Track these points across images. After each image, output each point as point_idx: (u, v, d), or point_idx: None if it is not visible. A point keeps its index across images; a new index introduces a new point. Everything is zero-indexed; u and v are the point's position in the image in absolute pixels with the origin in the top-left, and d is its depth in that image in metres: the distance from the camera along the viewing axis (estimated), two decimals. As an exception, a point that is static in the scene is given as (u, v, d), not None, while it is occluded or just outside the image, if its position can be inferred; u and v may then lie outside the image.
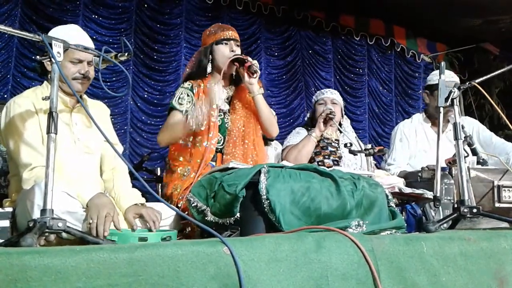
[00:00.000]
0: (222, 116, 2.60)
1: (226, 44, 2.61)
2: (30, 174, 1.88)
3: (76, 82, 2.09)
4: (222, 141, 2.57)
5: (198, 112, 2.37)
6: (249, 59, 2.54)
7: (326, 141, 3.25)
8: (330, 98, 3.34)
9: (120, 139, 2.38)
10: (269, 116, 2.65)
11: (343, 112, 3.44)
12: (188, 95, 2.57)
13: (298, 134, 3.32)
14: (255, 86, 2.56)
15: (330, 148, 3.22)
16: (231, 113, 2.62)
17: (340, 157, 3.20)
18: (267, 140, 3.49)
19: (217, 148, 2.55)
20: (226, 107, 2.62)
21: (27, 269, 1.09)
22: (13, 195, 2.05)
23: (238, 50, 2.62)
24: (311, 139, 3.14)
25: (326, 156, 3.18)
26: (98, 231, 1.73)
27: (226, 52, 2.59)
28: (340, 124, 3.33)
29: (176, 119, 2.51)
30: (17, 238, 1.41)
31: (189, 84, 2.61)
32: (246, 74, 2.54)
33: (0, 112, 2.69)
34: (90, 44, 2.12)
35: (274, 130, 2.71)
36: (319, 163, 3.13)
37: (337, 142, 3.29)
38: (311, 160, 3.17)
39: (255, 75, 2.53)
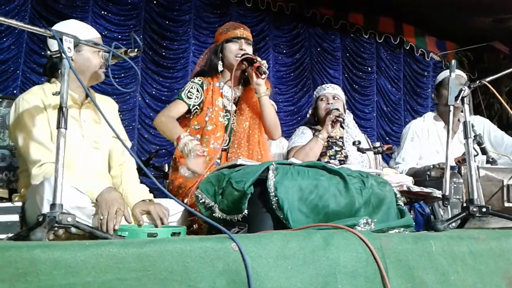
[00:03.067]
0: (229, 117, 2.60)
1: (236, 42, 2.60)
2: (39, 170, 1.89)
3: (102, 71, 2.11)
4: (227, 141, 2.58)
5: (188, 145, 2.27)
6: (258, 59, 2.52)
7: (330, 140, 3.16)
8: (332, 94, 3.23)
9: (128, 135, 2.38)
10: (273, 118, 2.63)
11: (345, 107, 3.35)
12: (197, 91, 2.59)
13: (303, 135, 3.22)
14: (262, 87, 2.54)
15: (335, 148, 3.14)
16: (238, 114, 2.63)
17: (346, 156, 3.13)
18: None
19: (222, 148, 2.55)
20: (233, 107, 2.62)
21: (37, 263, 1.10)
22: (22, 190, 2.06)
23: (249, 49, 2.61)
24: (318, 142, 3.02)
25: (332, 157, 3.10)
26: (108, 226, 1.74)
27: (235, 50, 2.58)
28: (343, 120, 3.28)
29: (174, 124, 2.45)
30: (27, 232, 1.42)
31: (199, 80, 2.62)
32: (254, 74, 2.53)
33: (10, 109, 2.71)
34: (96, 34, 2.15)
35: (277, 133, 2.70)
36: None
37: (341, 139, 3.21)
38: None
39: (263, 76, 2.51)
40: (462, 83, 2.21)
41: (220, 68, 2.62)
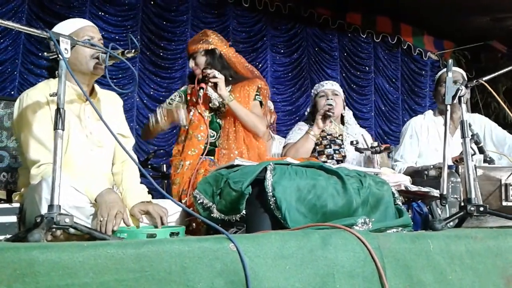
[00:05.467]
0: (213, 113, 2.71)
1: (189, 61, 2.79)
2: (38, 171, 1.88)
3: (98, 65, 2.05)
4: (214, 135, 2.67)
5: (159, 114, 2.53)
6: (208, 72, 2.64)
7: (329, 137, 3.12)
8: (331, 90, 3.21)
9: (127, 135, 2.41)
10: (246, 119, 2.67)
11: (345, 103, 3.34)
12: (180, 96, 2.78)
13: (300, 131, 3.19)
14: (223, 95, 2.63)
15: (333, 147, 3.11)
16: (226, 111, 2.69)
17: (344, 156, 3.11)
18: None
19: (213, 143, 2.64)
20: (215, 105, 2.71)
21: (35, 264, 1.10)
22: (23, 189, 2.04)
23: (198, 60, 2.72)
24: (309, 138, 3.02)
25: (330, 157, 3.07)
26: (107, 227, 1.73)
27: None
28: (342, 117, 3.27)
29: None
30: (25, 234, 1.42)
31: (184, 87, 2.82)
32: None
33: (7, 110, 2.71)
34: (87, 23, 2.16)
35: (258, 131, 2.73)
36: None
37: (341, 137, 3.17)
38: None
39: (213, 88, 2.64)
40: (458, 79, 2.21)
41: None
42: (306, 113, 3.49)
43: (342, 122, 3.25)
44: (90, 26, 2.13)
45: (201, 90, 2.65)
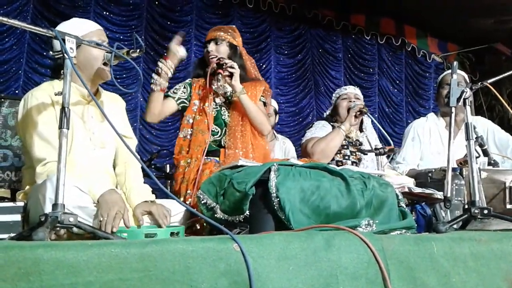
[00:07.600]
0: (218, 109, 2.68)
1: (206, 47, 2.75)
2: (43, 168, 1.89)
3: (107, 70, 2.06)
4: (219, 132, 2.64)
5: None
6: (226, 61, 2.61)
7: (347, 139, 3.17)
8: (353, 93, 3.31)
9: (131, 135, 2.41)
10: (255, 115, 2.65)
11: None
12: (185, 87, 2.76)
13: (324, 128, 3.24)
14: (236, 87, 2.60)
15: (350, 148, 3.16)
16: (232, 108, 2.68)
17: (359, 159, 3.15)
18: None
19: (217, 142, 2.62)
20: (221, 100, 2.71)
21: (40, 263, 1.10)
22: (27, 187, 2.05)
23: (220, 48, 2.70)
24: (340, 132, 3.06)
25: (346, 157, 3.12)
26: (107, 229, 1.73)
27: (206, 55, 2.72)
28: (361, 122, 3.30)
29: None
30: (29, 232, 1.42)
31: (189, 80, 2.81)
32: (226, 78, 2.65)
33: (12, 109, 2.72)
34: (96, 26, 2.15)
35: (264, 129, 2.71)
36: (338, 162, 3.07)
37: (357, 142, 3.22)
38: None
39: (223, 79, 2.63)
40: (460, 81, 2.20)
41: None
42: (325, 115, 3.53)
43: (360, 128, 3.28)
44: (100, 30, 2.13)
45: (220, 75, 2.64)
